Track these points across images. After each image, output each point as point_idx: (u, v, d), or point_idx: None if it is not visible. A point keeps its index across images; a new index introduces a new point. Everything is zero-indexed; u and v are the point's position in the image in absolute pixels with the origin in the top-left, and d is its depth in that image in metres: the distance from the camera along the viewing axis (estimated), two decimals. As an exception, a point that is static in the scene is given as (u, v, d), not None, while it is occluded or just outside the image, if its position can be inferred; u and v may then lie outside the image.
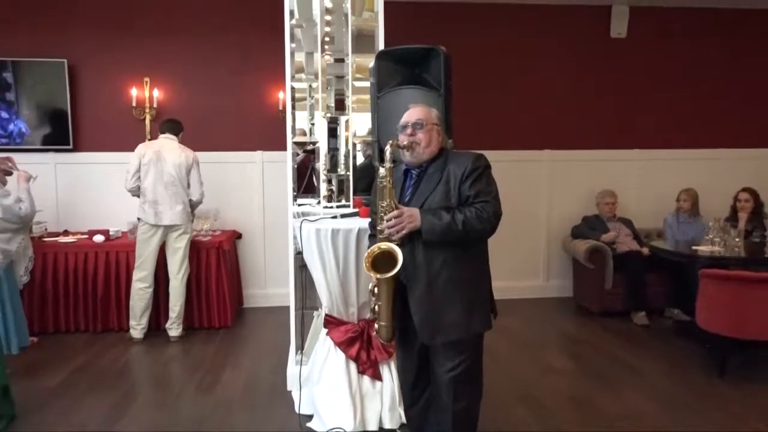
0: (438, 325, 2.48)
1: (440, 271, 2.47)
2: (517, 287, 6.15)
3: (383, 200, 2.46)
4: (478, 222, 2.41)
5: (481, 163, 2.50)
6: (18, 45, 5.59)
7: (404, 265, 2.41)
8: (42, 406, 3.74)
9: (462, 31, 5.95)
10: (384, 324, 2.54)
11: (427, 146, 2.53)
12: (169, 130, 5.02)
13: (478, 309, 2.54)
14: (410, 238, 2.45)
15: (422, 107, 2.62)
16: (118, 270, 5.12)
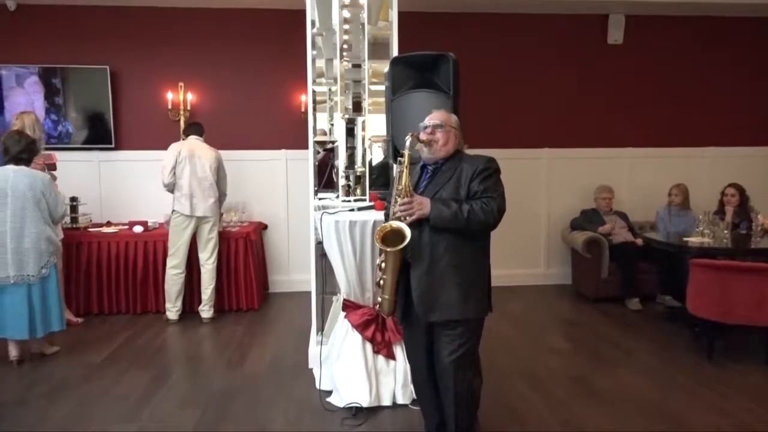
0: (434, 303, 2.49)
1: (442, 255, 2.48)
2: (520, 275, 6.12)
3: (399, 183, 2.48)
4: (481, 214, 2.41)
5: (492, 166, 2.53)
6: (65, 53, 5.63)
7: (410, 244, 2.42)
8: (87, 379, 3.79)
9: (468, 38, 5.90)
10: (387, 297, 2.55)
11: (444, 145, 2.55)
12: (195, 132, 5.06)
13: (473, 295, 2.53)
14: (419, 221, 2.47)
15: (443, 112, 2.66)
16: (155, 257, 5.16)
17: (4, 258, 3.81)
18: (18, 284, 3.85)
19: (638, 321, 5.04)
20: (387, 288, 2.53)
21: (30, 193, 3.87)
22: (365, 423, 3.16)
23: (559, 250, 6.27)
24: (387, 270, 2.51)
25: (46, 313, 3.96)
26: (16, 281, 3.84)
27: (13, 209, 3.83)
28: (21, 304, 3.85)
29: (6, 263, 3.82)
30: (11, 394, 3.57)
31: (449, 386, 2.55)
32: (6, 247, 3.82)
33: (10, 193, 3.83)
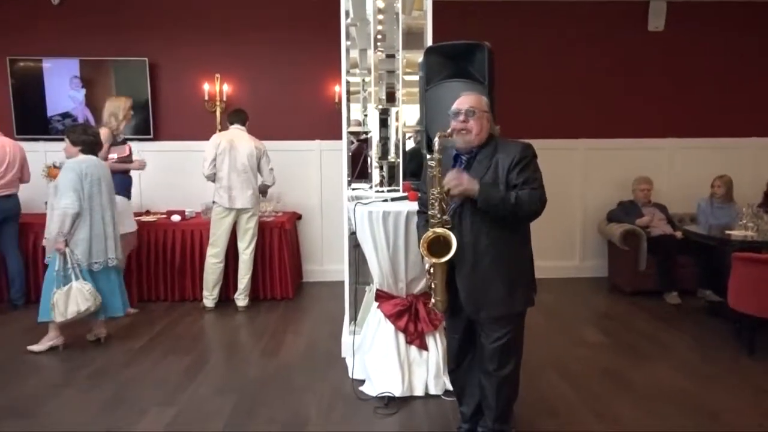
0: (482, 301, 2.49)
1: (485, 253, 2.46)
2: (554, 267, 6.04)
3: (434, 188, 2.45)
4: (528, 203, 2.38)
5: (529, 153, 2.48)
6: (106, 46, 5.76)
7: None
8: (128, 364, 3.90)
9: (504, 26, 5.83)
10: (440, 299, 2.56)
11: (478, 133, 2.49)
12: (238, 121, 5.07)
13: (519, 288, 2.53)
14: (460, 221, 2.46)
15: (474, 95, 2.58)
16: (192, 246, 5.26)
17: (103, 243, 4.04)
18: (111, 267, 4.12)
19: (677, 315, 4.94)
20: (438, 291, 2.54)
21: (109, 181, 4.18)
22: (397, 413, 3.18)
23: (595, 243, 6.17)
24: (436, 275, 2.52)
25: (123, 293, 4.27)
26: (111, 264, 4.12)
27: (108, 196, 4.12)
28: (116, 284, 4.16)
29: (106, 247, 4.06)
30: (57, 377, 3.71)
31: (493, 371, 2.56)
32: (105, 231, 4.06)
33: (103, 180, 4.09)
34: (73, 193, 3.93)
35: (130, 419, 3.13)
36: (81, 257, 3.97)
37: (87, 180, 3.99)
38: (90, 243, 4.00)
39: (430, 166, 2.47)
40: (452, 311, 2.64)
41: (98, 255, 4.04)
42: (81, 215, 3.97)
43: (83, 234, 3.98)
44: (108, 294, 4.10)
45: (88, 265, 4.00)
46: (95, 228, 4.02)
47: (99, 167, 4.11)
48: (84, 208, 3.97)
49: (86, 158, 4.08)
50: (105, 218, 4.09)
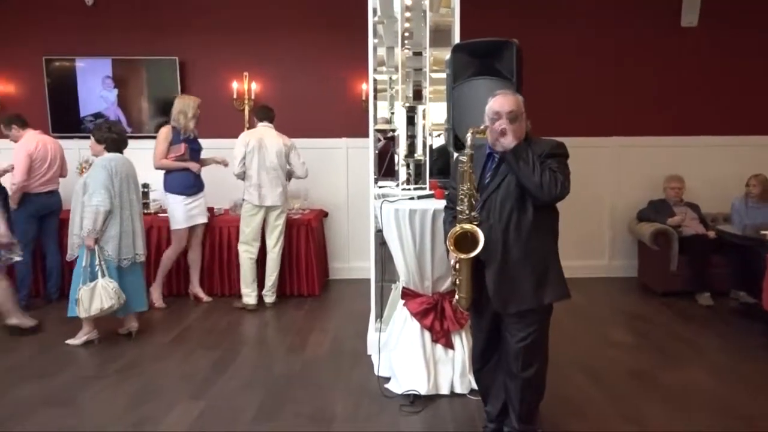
0: (510, 295, 2.49)
1: (514, 246, 2.47)
2: (582, 266, 5.96)
3: (463, 184, 2.45)
4: (552, 180, 2.37)
5: (561, 151, 2.49)
6: (138, 45, 5.87)
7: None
8: (159, 357, 3.98)
9: (532, 22, 5.77)
10: (464, 296, 2.56)
11: (516, 138, 2.45)
12: (266, 118, 5.10)
13: (549, 282, 2.52)
14: (487, 217, 2.47)
15: (512, 96, 2.52)
16: (221, 242, 5.33)
17: (131, 239, 4.15)
18: (138, 262, 4.22)
19: (709, 317, 4.84)
20: (463, 287, 2.55)
21: (136, 178, 4.28)
22: (423, 411, 3.18)
23: (625, 242, 6.08)
24: (462, 271, 2.52)
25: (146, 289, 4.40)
26: (139, 260, 4.23)
27: (136, 194, 4.25)
28: (140, 280, 4.29)
29: (132, 244, 4.15)
30: (90, 369, 3.81)
31: (517, 372, 2.55)
32: (133, 228, 4.16)
33: (131, 178, 4.20)
34: (105, 191, 4.01)
35: (160, 412, 3.20)
36: (112, 254, 4.06)
37: (117, 177, 4.08)
38: (120, 239, 4.09)
39: (461, 162, 2.47)
40: (477, 310, 2.64)
41: (127, 251, 4.13)
42: (112, 212, 4.06)
43: (114, 231, 4.07)
44: (134, 289, 4.19)
45: (117, 261, 4.08)
46: (124, 225, 4.11)
47: (126, 165, 4.21)
48: (114, 205, 4.06)
49: (114, 156, 4.17)
50: (133, 215, 4.18)
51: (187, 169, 4.95)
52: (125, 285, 4.12)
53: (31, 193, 4.90)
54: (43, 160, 4.91)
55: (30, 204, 4.90)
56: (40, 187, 4.92)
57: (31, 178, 4.87)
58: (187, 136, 4.96)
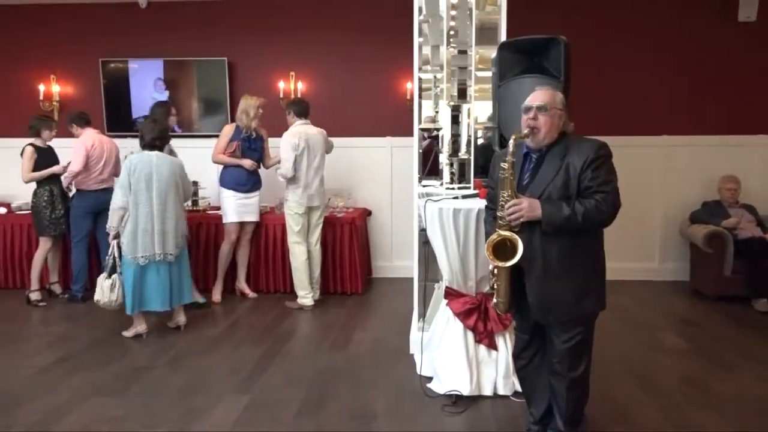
0: (551, 306, 2.45)
1: (555, 257, 2.41)
2: (631, 269, 5.81)
3: (504, 190, 2.41)
4: (597, 214, 2.32)
5: (603, 153, 2.38)
6: (188, 46, 6.02)
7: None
8: (206, 351, 4.08)
9: (581, 19, 5.64)
10: (502, 300, 2.53)
11: (547, 132, 2.42)
12: (304, 114, 5.01)
13: (590, 292, 2.47)
14: (529, 225, 2.40)
15: (548, 90, 2.49)
16: (266, 240, 5.41)
17: (151, 237, 4.17)
18: (160, 261, 4.21)
19: (765, 323, 4.64)
20: (501, 293, 2.52)
21: (171, 178, 4.23)
22: (465, 411, 3.16)
23: (676, 245, 5.89)
24: (500, 277, 2.49)
25: (180, 287, 4.35)
26: (160, 259, 4.20)
27: (158, 192, 4.18)
28: (165, 279, 4.23)
29: (153, 242, 4.17)
30: (141, 360, 3.93)
31: (564, 373, 2.51)
32: (153, 227, 4.17)
33: (155, 177, 4.18)
34: (119, 189, 4.15)
35: (207, 404, 3.27)
36: (126, 249, 4.15)
37: (134, 176, 4.14)
38: (135, 237, 4.13)
39: (502, 169, 2.42)
40: (521, 311, 2.60)
41: (145, 249, 4.14)
42: (128, 210, 4.14)
43: (129, 227, 4.14)
44: (151, 288, 4.20)
45: (134, 258, 4.15)
46: (140, 222, 4.13)
47: (151, 163, 4.17)
48: (130, 203, 4.13)
49: (139, 155, 4.25)
50: (154, 213, 4.15)
51: (240, 166, 5.04)
52: (144, 282, 4.19)
53: (87, 190, 5.09)
54: (98, 158, 5.08)
55: (84, 200, 5.10)
56: (96, 184, 5.10)
57: (88, 175, 5.05)
58: (248, 135, 5.05)
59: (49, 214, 5.10)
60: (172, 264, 4.27)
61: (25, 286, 5.36)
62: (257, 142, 5.13)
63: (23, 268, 5.52)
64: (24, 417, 3.13)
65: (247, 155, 5.07)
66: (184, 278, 4.39)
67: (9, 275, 5.59)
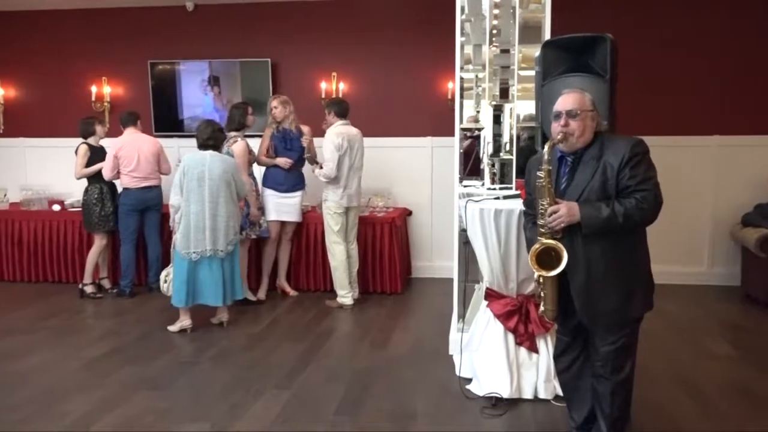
0: (597, 310, 2.40)
1: (599, 261, 2.36)
2: (678, 273, 5.64)
3: (543, 198, 2.37)
4: (638, 213, 2.26)
5: (640, 149, 2.32)
6: (234, 48, 6.13)
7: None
8: (248, 347, 4.15)
9: (628, 16, 5.51)
10: (550, 308, 2.49)
11: (580, 135, 2.37)
12: (346, 114, 5.01)
13: (636, 294, 2.41)
14: (569, 230, 2.35)
15: (576, 93, 2.45)
16: (307, 239, 5.46)
17: (203, 234, 4.29)
18: (213, 257, 4.32)
19: (823, 331, 4.45)
20: (548, 300, 2.48)
21: (223, 176, 4.33)
22: (505, 414, 3.13)
23: (727, 248, 5.68)
24: (546, 285, 2.46)
25: (233, 283, 4.46)
26: (212, 255, 4.31)
27: (210, 190, 4.29)
28: (217, 275, 4.34)
29: (205, 238, 4.29)
30: (186, 355, 4.03)
31: (607, 376, 2.46)
32: (204, 224, 4.28)
33: (207, 175, 4.29)
34: (174, 188, 4.33)
35: (248, 399, 3.33)
36: (179, 245, 4.30)
37: (187, 176, 4.29)
38: (187, 233, 4.27)
39: (539, 177, 2.38)
40: (564, 313, 2.55)
41: (196, 245, 4.27)
42: (181, 207, 4.29)
43: (182, 224, 4.29)
44: (203, 283, 4.33)
45: (186, 253, 4.27)
46: (192, 219, 4.27)
47: (203, 163, 4.29)
48: (183, 201, 4.28)
49: (191, 155, 4.40)
50: (206, 211, 4.27)
51: (277, 166, 5.11)
52: (196, 278, 4.32)
53: (129, 188, 5.24)
54: (129, 159, 5.18)
55: (127, 198, 5.26)
56: (135, 182, 5.23)
57: (123, 174, 5.21)
58: (281, 135, 5.11)
59: (99, 211, 5.28)
60: (224, 260, 4.37)
61: (77, 281, 5.56)
62: (294, 141, 5.14)
63: (75, 262, 5.73)
64: (74, 407, 3.25)
65: (283, 155, 5.13)
66: (236, 275, 4.49)
67: (62, 269, 5.80)
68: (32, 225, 5.80)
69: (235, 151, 4.81)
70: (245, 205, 4.87)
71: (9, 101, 6.52)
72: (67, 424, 3.07)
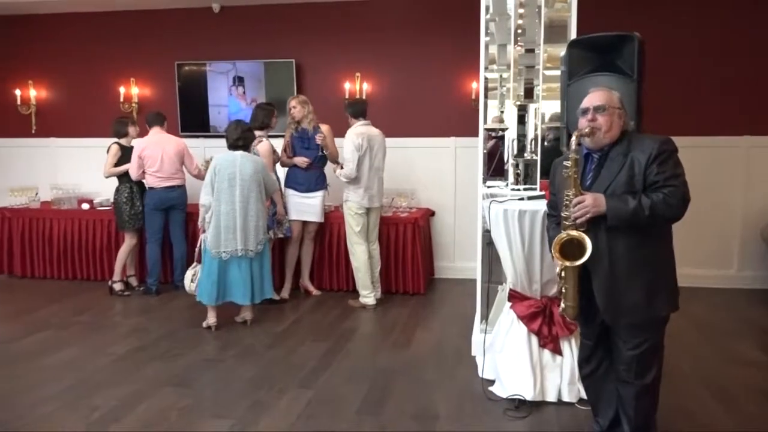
0: (620, 307, 2.37)
1: (622, 257, 2.33)
2: (706, 276, 5.53)
3: (568, 189, 2.35)
4: (666, 208, 2.23)
5: (668, 147, 2.29)
6: (259, 49, 6.18)
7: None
8: (271, 346, 4.18)
9: (654, 14, 5.42)
10: (571, 305, 2.46)
11: (607, 131, 2.36)
12: (363, 114, 5.01)
13: (661, 292, 2.37)
14: (593, 224, 2.33)
15: (603, 91, 2.44)
16: (330, 239, 5.47)
17: (233, 234, 4.33)
18: (242, 257, 4.37)
19: None
20: (570, 296, 2.45)
21: (254, 177, 4.38)
22: (528, 417, 3.10)
23: (757, 251, 5.56)
24: (568, 280, 2.43)
25: (262, 282, 4.49)
26: (242, 254, 4.36)
27: (241, 191, 4.34)
28: (246, 274, 4.39)
29: (235, 238, 4.33)
30: (210, 353, 4.07)
31: (630, 381, 2.42)
32: (235, 223, 4.33)
33: (239, 176, 4.34)
34: (204, 188, 4.38)
35: (272, 398, 3.36)
36: (209, 244, 4.35)
37: (218, 176, 4.34)
38: (218, 233, 4.32)
39: (565, 167, 2.36)
40: (586, 316, 2.52)
41: (226, 245, 4.32)
42: (212, 207, 4.34)
43: (213, 224, 4.34)
44: (232, 281, 4.38)
45: (216, 252, 4.32)
46: (222, 219, 4.32)
47: (234, 163, 4.34)
48: (213, 200, 4.33)
49: (222, 155, 4.44)
50: (237, 211, 4.31)
51: (296, 166, 5.15)
52: (226, 276, 4.37)
53: (154, 188, 5.32)
54: (153, 159, 5.25)
55: (151, 197, 5.33)
56: (158, 182, 5.30)
57: (147, 174, 5.29)
58: (299, 134, 5.14)
59: (129, 209, 5.36)
60: (254, 260, 4.42)
61: (105, 278, 5.66)
62: (312, 141, 5.13)
63: (104, 260, 5.83)
64: (102, 401, 3.30)
65: (301, 154, 5.15)
66: (266, 274, 4.53)
67: (91, 267, 5.91)
68: (62, 223, 5.92)
69: (260, 151, 4.84)
70: (271, 203, 4.91)
71: (40, 102, 6.67)
72: (96, 418, 3.13)
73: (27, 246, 6.02)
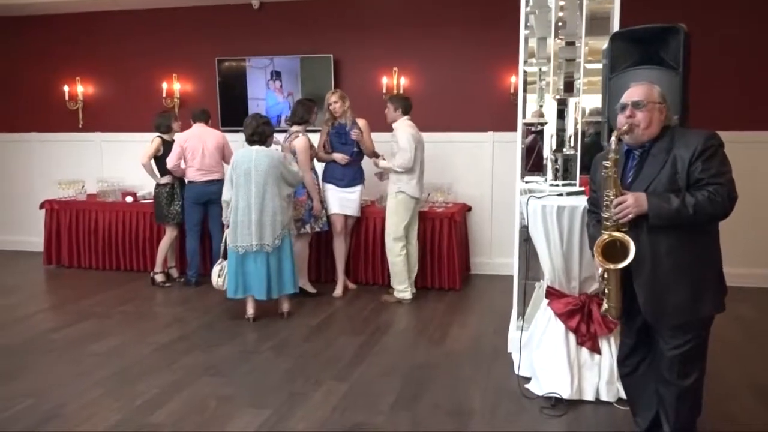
0: (663, 308, 2.31)
1: (665, 256, 2.27)
2: (754, 275, 5.34)
3: (609, 189, 2.30)
4: (710, 206, 2.15)
5: (714, 142, 2.21)
6: (297, 44, 6.24)
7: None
8: (307, 339, 4.23)
9: (699, 5, 5.25)
10: (614, 305, 2.42)
11: (646, 127, 2.29)
12: (410, 111, 5.04)
13: (705, 292, 2.30)
14: (635, 223, 2.27)
15: (644, 85, 2.38)
16: (366, 233, 5.49)
17: (248, 229, 4.38)
18: (258, 252, 4.40)
19: None
20: (612, 297, 2.41)
21: (270, 171, 4.38)
22: (565, 415, 3.07)
23: (809, 250, 5.35)
24: (611, 281, 2.39)
25: (281, 277, 4.49)
26: (257, 249, 4.39)
27: (256, 186, 4.37)
28: (262, 269, 4.41)
29: (250, 233, 4.37)
30: (248, 345, 4.14)
31: (672, 381, 2.36)
32: (251, 218, 4.37)
33: (254, 171, 4.37)
34: (225, 184, 4.49)
35: (308, 389, 3.40)
36: (229, 239, 4.43)
37: (236, 171, 4.39)
38: (236, 227, 4.38)
39: (605, 167, 2.31)
40: (627, 314, 2.47)
41: (243, 240, 4.36)
42: (231, 202, 4.42)
43: (231, 218, 4.42)
44: (250, 276, 4.42)
45: (234, 247, 4.39)
46: (239, 215, 4.37)
47: (250, 158, 4.37)
48: (233, 196, 4.40)
49: (244, 149, 4.50)
50: (252, 205, 4.34)
51: (334, 161, 5.18)
52: (244, 270, 4.42)
53: (192, 181, 5.42)
54: (194, 152, 5.34)
55: (190, 191, 5.45)
56: (198, 175, 5.39)
57: (187, 167, 5.39)
58: (336, 130, 5.17)
59: (169, 204, 5.49)
60: (270, 255, 4.42)
61: (147, 269, 5.82)
62: (348, 135, 5.14)
63: (146, 252, 6.00)
64: (144, 389, 3.41)
65: (339, 149, 5.18)
66: (285, 268, 4.50)
67: (134, 259, 6.08)
68: (107, 216, 6.11)
69: (297, 147, 4.89)
70: (308, 198, 4.95)
71: (87, 98, 6.87)
72: (139, 405, 3.23)
73: (74, 237, 6.24)
